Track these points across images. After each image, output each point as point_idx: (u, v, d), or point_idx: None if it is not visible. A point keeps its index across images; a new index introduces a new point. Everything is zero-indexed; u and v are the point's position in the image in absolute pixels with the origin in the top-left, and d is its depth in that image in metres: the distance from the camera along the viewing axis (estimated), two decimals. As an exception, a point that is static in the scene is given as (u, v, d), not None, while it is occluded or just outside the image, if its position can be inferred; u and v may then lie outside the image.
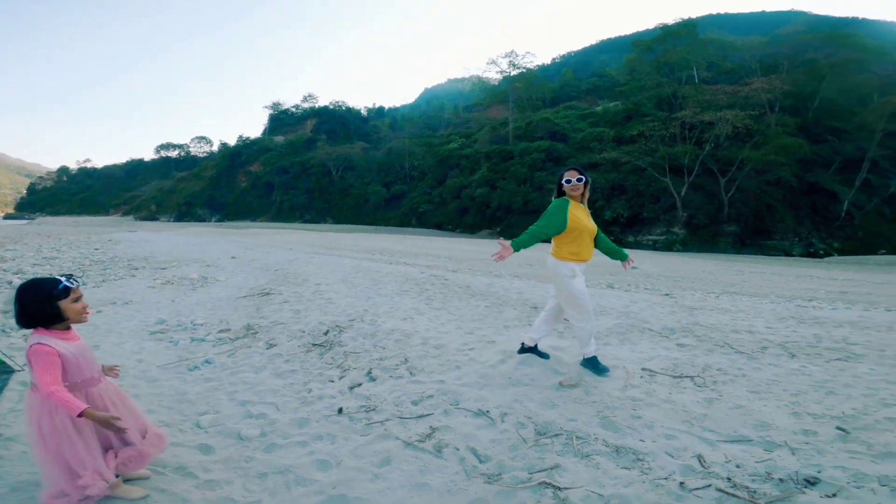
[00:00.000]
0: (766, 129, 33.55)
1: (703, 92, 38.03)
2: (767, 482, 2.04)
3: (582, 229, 3.25)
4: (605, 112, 50.04)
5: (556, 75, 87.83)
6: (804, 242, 31.71)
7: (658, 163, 35.58)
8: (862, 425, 2.59)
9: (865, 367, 3.63)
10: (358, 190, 64.81)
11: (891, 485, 2.00)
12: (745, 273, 14.50)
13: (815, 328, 5.00)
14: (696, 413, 2.74)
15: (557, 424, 2.60)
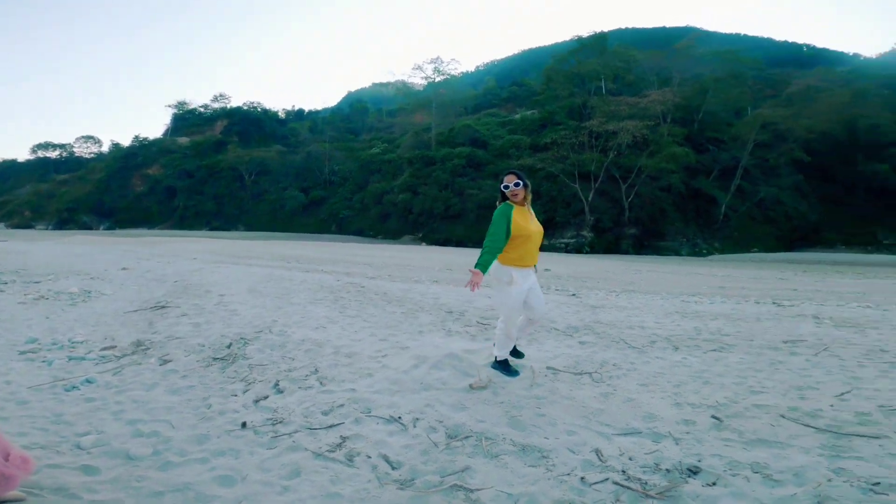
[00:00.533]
0: (660, 138, 36.95)
1: (608, 103, 41.05)
2: (656, 473, 2.16)
3: (525, 234, 3.22)
4: (523, 120, 52.36)
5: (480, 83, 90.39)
6: (691, 243, 35.58)
7: (569, 169, 37.88)
8: (733, 413, 2.82)
9: (736, 357, 4.04)
10: (273, 195, 61.83)
11: (762, 471, 2.15)
12: (642, 272, 15.87)
13: (695, 321, 5.55)
14: (593, 408, 2.89)
15: (468, 427, 2.63)
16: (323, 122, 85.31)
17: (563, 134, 39.56)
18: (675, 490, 2.02)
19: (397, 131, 67.78)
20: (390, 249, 28.32)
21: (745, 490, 2.01)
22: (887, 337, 4.74)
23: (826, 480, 2.05)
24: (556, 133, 40.33)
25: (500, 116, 59.25)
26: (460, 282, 10.31)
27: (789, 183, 40.93)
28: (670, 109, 40.69)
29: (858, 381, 3.37)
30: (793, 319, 5.66)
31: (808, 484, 2.03)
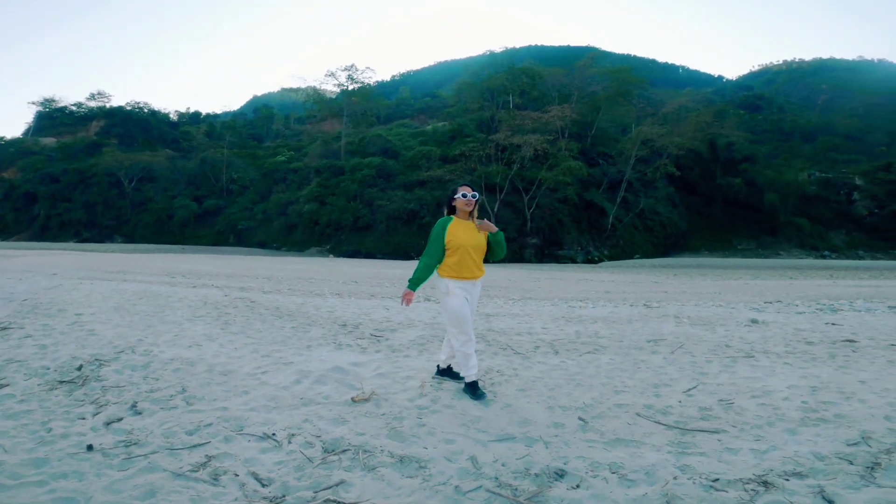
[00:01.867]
0: (558, 152, 39.59)
1: (515, 117, 43.23)
2: (526, 478, 2.19)
3: (460, 246, 3.20)
4: (434, 131, 53.13)
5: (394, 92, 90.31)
6: (584, 251, 38.64)
7: (476, 181, 39.12)
8: (597, 413, 2.95)
9: (607, 358, 4.34)
10: (160, 204, 56.04)
11: (619, 472, 2.25)
12: (541, 280, 16.84)
13: (577, 325, 5.93)
14: (472, 416, 2.91)
15: (346, 440, 2.56)
16: (222, 126, 79.32)
17: (472, 146, 40.83)
18: (542, 495, 2.06)
19: (305, 139, 65.09)
20: (294, 262, 27.05)
21: (604, 491, 2.09)
22: (732, 333, 5.46)
23: (672, 478, 2.17)
24: (465, 145, 41.51)
25: (412, 127, 59.71)
26: (364, 294, 10.09)
27: (664, 195, 46.36)
28: (568, 125, 43.67)
29: (704, 376, 3.78)
30: (658, 320, 6.29)
31: (657, 483, 2.14)
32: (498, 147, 40.32)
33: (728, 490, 2.07)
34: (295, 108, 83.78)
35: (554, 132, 42.04)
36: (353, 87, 59.66)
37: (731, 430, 2.71)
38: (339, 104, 59.92)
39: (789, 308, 7.85)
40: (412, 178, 43.17)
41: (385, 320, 6.11)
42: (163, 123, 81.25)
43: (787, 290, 13.29)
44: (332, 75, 60.25)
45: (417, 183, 42.36)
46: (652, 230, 43.87)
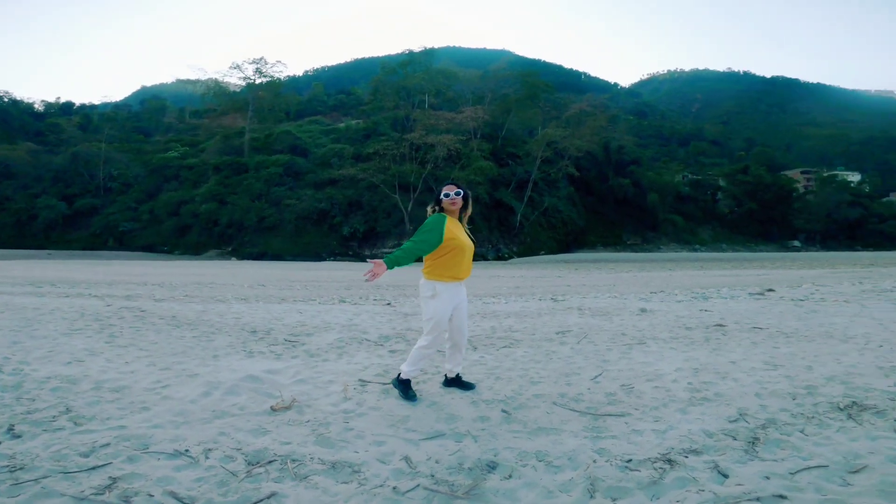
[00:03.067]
0: (470, 152, 40.71)
1: (430, 116, 43.53)
2: (461, 473, 2.22)
3: (458, 246, 3.10)
4: (348, 129, 51.65)
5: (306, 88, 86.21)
6: (495, 248, 40.24)
7: (390, 180, 38.89)
8: (518, 405, 3.05)
9: (522, 351, 4.55)
10: (20, 204, 48.33)
11: (545, 459, 2.34)
12: (455, 277, 17.20)
13: (492, 321, 6.15)
14: (400, 416, 2.89)
15: (271, 450, 2.43)
16: (101, 118, 70.08)
17: (387, 145, 40.45)
18: (478, 487, 2.10)
19: (203, 134, 59.51)
20: (190, 266, 24.81)
21: (535, 479, 2.17)
22: (626, 322, 6.01)
23: (592, 462, 2.31)
24: (379, 144, 41.01)
25: (324, 124, 57.50)
26: (274, 298, 9.56)
27: (565, 194, 49.79)
28: (481, 126, 45.06)
29: (607, 363, 4.11)
30: (564, 312, 6.75)
31: (580, 467, 2.26)
32: (412, 146, 40.42)
33: (640, 469, 2.24)
34: (192, 100, 76.68)
35: (467, 133, 43.05)
36: (260, 81, 55.96)
37: (635, 413, 2.96)
38: (243, 98, 55.90)
39: (670, 297, 8.85)
40: (323, 177, 41.75)
41: (299, 324, 5.85)
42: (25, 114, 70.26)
43: (667, 280, 14.97)
44: (237, 68, 56.02)
45: (329, 181, 41.08)
46: (555, 227, 46.91)
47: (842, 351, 4.35)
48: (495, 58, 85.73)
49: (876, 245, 58.90)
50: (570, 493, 2.06)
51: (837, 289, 10.12)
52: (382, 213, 39.39)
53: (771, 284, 11.65)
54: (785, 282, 12.97)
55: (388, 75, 53.17)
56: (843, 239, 59.99)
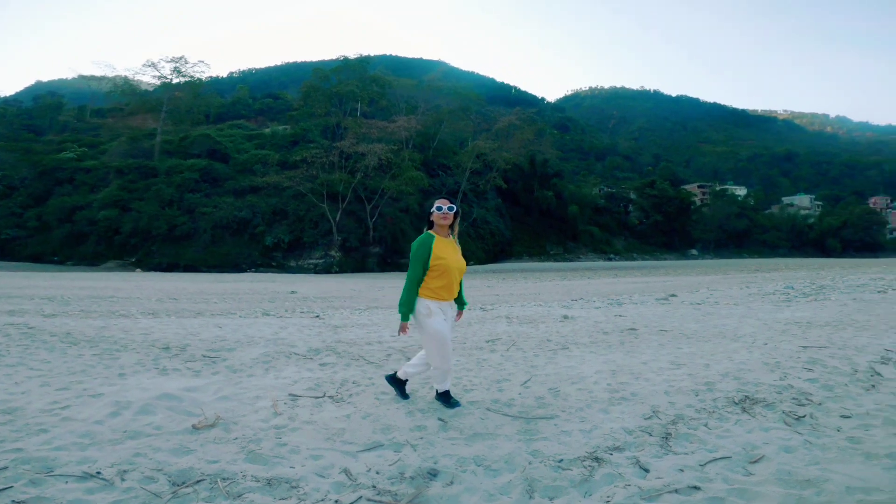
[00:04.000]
0: (402, 162, 40.21)
1: (361, 125, 42.58)
2: (403, 482, 2.22)
3: (446, 266, 3.05)
4: (274, 135, 49.29)
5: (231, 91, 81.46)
6: (426, 259, 40.50)
7: (318, 189, 37.64)
8: (453, 412, 3.10)
9: (454, 360, 4.54)
10: None
11: (483, 464, 2.39)
12: (385, 289, 17.05)
13: (423, 331, 6.22)
14: (336, 429, 2.85)
15: (197, 469, 2.30)
16: (-20, 113, 60.99)
17: (316, 152, 39.13)
18: (422, 495, 2.11)
19: (105, 134, 53.70)
20: (86, 279, 22.30)
21: (475, 484, 2.21)
22: (550, 328, 6.34)
23: (528, 464, 2.39)
24: (307, 151, 39.56)
25: (247, 129, 54.45)
26: (188, 313, 8.89)
27: (493, 205, 51.38)
28: (413, 136, 44.92)
29: (535, 368, 4.31)
30: (493, 321, 6.97)
31: (517, 470, 2.34)
32: (342, 155, 39.55)
33: (572, 468, 2.37)
34: (96, 99, 69.10)
35: (399, 142, 42.70)
36: (178, 81, 51.65)
37: (562, 415, 3.12)
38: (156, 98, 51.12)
39: (589, 304, 9.46)
40: (244, 184, 39.61)
41: (219, 339, 5.51)
42: None
43: (586, 288, 15.96)
44: (152, 66, 50.98)
45: (251, 189, 39.03)
46: (483, 238, 48.16)
47: (733, 349, 4.89)
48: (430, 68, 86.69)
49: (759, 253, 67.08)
50: (510, 495, 2.13)
51: (728, 293, 11.39)
52: (309, 222, 38.11)
53: (674, 290, 12.85)
54: (685, 287, 14.36)
55: (320, 81, 51.62)
56: (733, 247, 67.49)
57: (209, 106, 57.59)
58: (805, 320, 6.58)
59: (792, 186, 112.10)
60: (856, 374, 3.85)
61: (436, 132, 49.76)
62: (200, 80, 54.50)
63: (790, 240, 73.92)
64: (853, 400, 3.29)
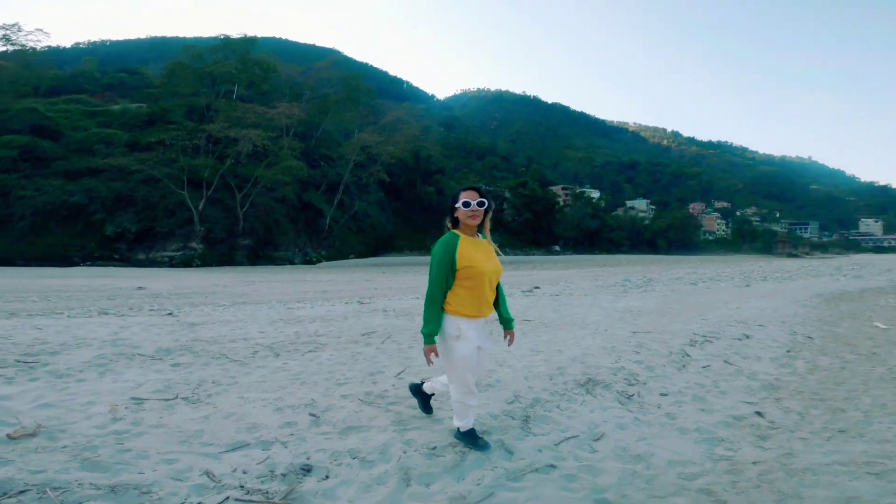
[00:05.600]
0: (280, 150, 37.68)
1: (236, 108, 38.73)
2: (274, 480, 2.17)
3: (477, 273, 2.42)
4: (124, 113, 42.05)
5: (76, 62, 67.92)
6: (302, 252, 38.59)
7: (176, 174, 33.52)
8: (326, 407, 3.07)
9: (327, 354, 4.55)
10: None
11: (358, 456, 2.42)
12: (255, 283, 15.90)
13: (296, 326, 5.96)
14: (191, 431, 2.66)
15: (20, 480, 2.05)
16: None
17: (176, 135, 34.65)
18: (296, 491, 2.07)
19: None
20: None
21: (351, 476, 2.22)
22: (427, 320, 6.52)
23: (402, 453, 2.45)
24: (166, 133, 34.81)
25: (89, 105, 45.60)
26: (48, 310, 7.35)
27: (375, 199, 50.97)
28: (295, 123, 42.35)
29: (409, 360, 4.40)
30: (370, 314, 6.96)
31: (392, 460, 2.39)
32: (210, 139, 35.72)
33: (444, 455, 2.48)
34: None
35: (279, 129, 40.27)
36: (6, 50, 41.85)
37: (434, 404, 3.21)
38: None
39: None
40: (79, 166, 33.52)
41: (38, 342, 4.68)
42: None
43: (464, 281, 16.70)
44: None
45: (88, 171, 33.14)
46: (364, 232, 47.52)
47: (581, 336, 5.56)
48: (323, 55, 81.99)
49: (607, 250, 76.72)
50: (386, 485, 2.17)
51: (580, 285, 12.90)
52: (164, 210, 33.66)
53: (537, 283, 14.13)
54: (548, 281, 15.89)
55: (192, 59, 45.74)
56: (588, 245, 76.06)
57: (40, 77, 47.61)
58: (636, 309, 7.73)
59: (633, 191, 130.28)
60: (671, 356, 4.64)
61: (320, 121, 47.72)
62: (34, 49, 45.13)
63: (630, 239, 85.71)
64: (669, 379, 3.95)
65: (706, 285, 12.69)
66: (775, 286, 12.87)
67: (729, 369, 4.29)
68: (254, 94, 46.16)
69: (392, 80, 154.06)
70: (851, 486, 2.16)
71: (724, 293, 10.65)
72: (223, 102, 41.09)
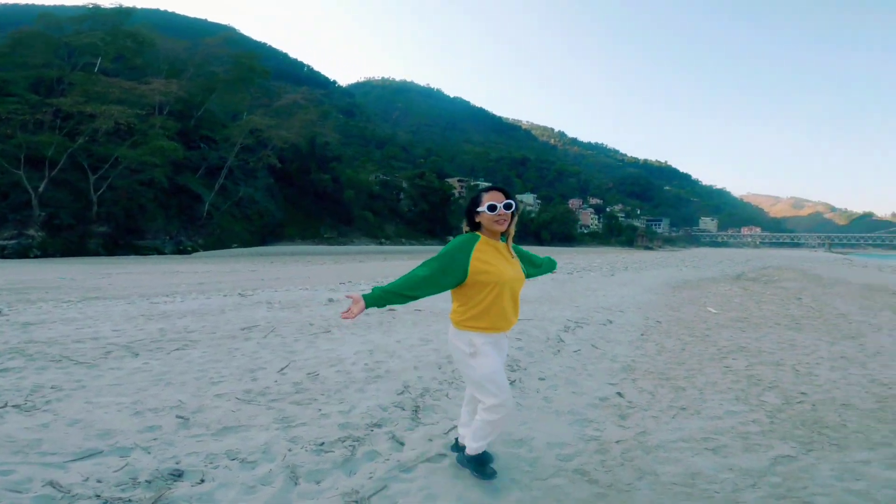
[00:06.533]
0: (150, 129, 33.75)
1: (96, 82, 33.45)
2: (137, 487, 2.01)
3: (496, 281, 2.02)
4: None
5: None
6: (174, 241, 34.63)
7: (11, 152, 27.97)
8: (197, 408, 2.87)
9: (199, 352, 4.17)
10: None
11: (238, 457, 2.29)
12: (112, 275, 13.89)
13: (161, 322, 5.36)
14: (27, 440, 2.38)
15: None
16: None
17: (15, 108, 28.87)
18: (165, 497, 1.95)
19: None
20: None
21: (231, 478, 2.10)
22: (314, 312, 6.28)
23: (288, 451, 2.37)
24: (2, 106, 28.85)
25: None
26: None
27: (263, 185, 47.55)
28: (171, 101, 38.31)
29: (294, 354, 4.20)
30: (251, 307, 6.50)
31: (276, 458, 2.29)
32: (59, 114, 30.40)
33: (334, 450, 2.43)
34: None
35: (150, 107, 35.90)
36: None
37: (321, 398, 3.15)
38: None
39: (356, 286, 9.78)
40: None
41: None
42: None
43: (357, 271, 16.42)
44: None
45: None
46: (250, 219, 44.15)
47: (470, 321, 5.76)
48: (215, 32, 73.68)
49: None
50: (272, 485, 2.08)
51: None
52: (-7, 192, 27.90)
53: (433, 273, 14.34)
54: (442, 270, 16.22)
55: (47, 28, 38.39)
56: (479, 235, 79.73)
57: None
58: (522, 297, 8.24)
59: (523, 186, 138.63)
60: (548, 342, 5.02)
61: (203, 101, 43.39)
62: None
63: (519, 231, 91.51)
64: (546, 364, 4.27)
65: (580, 275, 13.99)
66: (633, 276, 14.64)
67: (595, 353, 4.77)
68: (122, 69, 40.82)
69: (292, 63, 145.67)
70: (694, 462, 2.48)
71: (593, 282, 11.84)
72: (80, 75, 35.24)
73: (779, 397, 3.53)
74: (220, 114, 47.69)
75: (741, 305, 8.56)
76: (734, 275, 17.34)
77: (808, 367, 4.35)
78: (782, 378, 4.02)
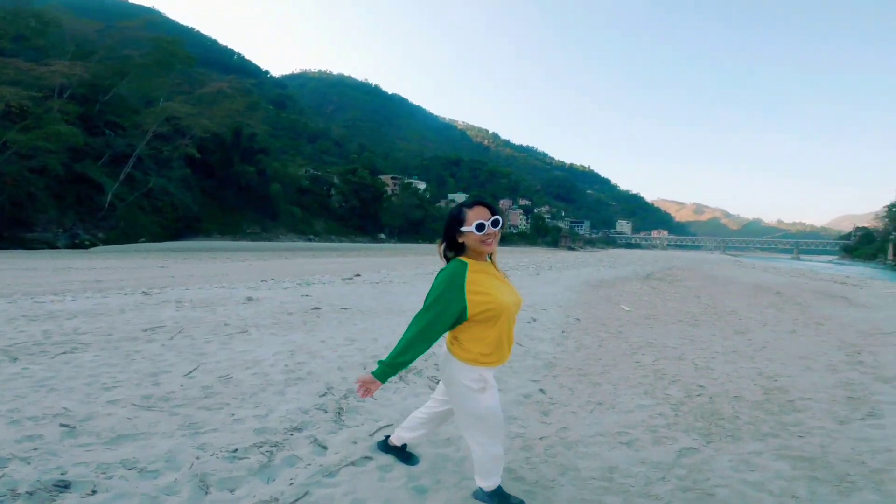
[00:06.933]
0: (45, 113, 30.62)
1: None
2: (18, 499, 1.84)
3: (496, 309, 1.82)
4: None
5: None
6: (69, 234, 31.05)
7: None
8: (86, 416, 2.60)
9: (91, 355, 3.75)
10: None
11: (136, 466, 2.10)
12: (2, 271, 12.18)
13: (46, 324, 4.77)
14: None
15: None
16: None
17: None
18: None
19: None
20: None
21: (129, 489, 1.94)
22: (230, 311, 5.88)
23: (196, 459, 2.19)
24: None
25: None
26: None
27: (179, 175, 44.00)
28: (74, 84, 34.73)
29: (204, 356, 3.90)
30: (156, 306, 5.95)
31: (182, 467, 2.13)
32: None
33: (249, 456, 2.27)
34: None
35: (48, 89, 32.50)
36: None
37: (234, 403, 2.94)
38: None
39: (279, 285, 9.30)
40: None
41: None
42: None
43: (281, 268, 15.69)
44: None
45: None
46: (162, 212, 40.68)
47: (397, 323, 5.70)
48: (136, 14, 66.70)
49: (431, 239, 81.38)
50: (179, 495, 1.94)
51: (402, 272, 13.30)
52: None
53: (360, 270, 14.10)
54: (370, 268, 15.99)
55: None
56: (412, 233, 79.36)
57: None
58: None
59: (456, 185, 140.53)
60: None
61: (113, 85, 39.67)
62: None
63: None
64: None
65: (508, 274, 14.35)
66: (556, 275, 15.33)
67: (520, 350, 4.90)
68: (22, 49, 36.69)
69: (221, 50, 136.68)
70: (611, 456, 2.59)
71: (520, 281, 12.23)
72: (-32, 55, 31.08)
73: (681, 391, 3.80)
74: (132, 99, 44.02)
75: (650, 303, 9.26)
76: (644, 274, 18.73)
77: (706, 361, 4.76)
78: (684, 372, 4.34)
